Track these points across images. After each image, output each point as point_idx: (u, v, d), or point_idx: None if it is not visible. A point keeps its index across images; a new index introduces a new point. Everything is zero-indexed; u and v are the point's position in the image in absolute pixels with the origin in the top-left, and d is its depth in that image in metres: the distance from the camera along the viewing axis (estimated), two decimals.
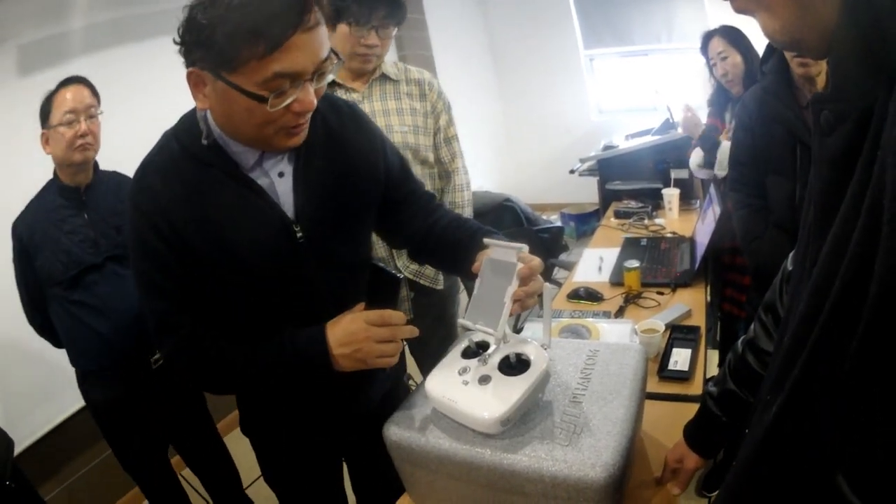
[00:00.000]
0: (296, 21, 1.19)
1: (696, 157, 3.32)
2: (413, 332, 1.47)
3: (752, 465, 0.88)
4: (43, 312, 2.58)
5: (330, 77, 1.37)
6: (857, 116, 0.69)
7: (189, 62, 1.28)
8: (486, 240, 1.48)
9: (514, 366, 1.37)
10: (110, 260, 2.50)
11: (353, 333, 1.43)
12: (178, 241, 1.39)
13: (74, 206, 2.49)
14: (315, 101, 1.34)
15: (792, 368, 0.78)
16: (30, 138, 2.47)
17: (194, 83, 1.31)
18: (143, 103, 3.14)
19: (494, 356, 1.40)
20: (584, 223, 6.88)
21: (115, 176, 2.64)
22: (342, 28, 2.37)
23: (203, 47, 1.22)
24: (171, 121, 1.51)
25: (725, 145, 3.23)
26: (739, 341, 1.46)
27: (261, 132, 1.34)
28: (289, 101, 1.27)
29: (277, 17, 1.17)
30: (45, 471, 3.21)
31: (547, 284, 1.41)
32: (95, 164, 2.56)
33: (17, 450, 2.87)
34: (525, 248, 1.38)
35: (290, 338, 1.49)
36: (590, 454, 1.23)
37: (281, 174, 1.50)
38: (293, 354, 1.47)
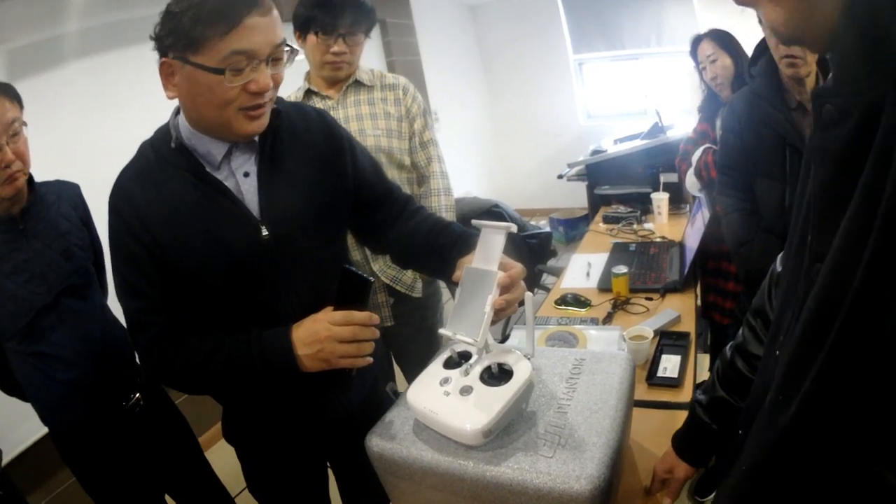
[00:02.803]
0: (252, 3, 1.33)
1: (690, 178, 3.28)
2: (374, 333, 1.47)
3: (764, 467, 0.88)
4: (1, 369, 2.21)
5: (287, 65, 1.48)
6: (864, 110, 0.70)
7: (162, 53, 1.39)
8: (474, 221, 1.48)
9: (497, 376, 1.35)
10: (63, 295, 2.12)
11: (315, 333, 1.45)
12: (152, 240, 1.47)
13: (13, 239, 2.05)
14: (270, 84, 1.42)
15: (807, 367, 0.77)
16: None
17: (165, 74, 1.42)
18: (139, 108, 3.11)
19: (476, 366, 1.38)
20: (574, 228, 6.89)
21: (56, 186, 2.27)
22: (311, 38, 2.46)
23: (174, 34, 1.34)
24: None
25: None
26: (727, 347, 1.46)
27: (222, 114, 1.41)
28: (245, 80, 1.37)
29: (237, 1, 1.32)
30: (33, 480, 3.17)
31: (528, 294, 1.38)
32: (31, 180, 2.12)
33: (6, 459, 2.85)
34: (513, 227, 1.37)
35: (257, 337, 1.51)
36: (574, 466, 1.20)
37: (246, 174, 1.57)
38: (259, 354, 1.48)
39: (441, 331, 1.39)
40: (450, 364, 1.44)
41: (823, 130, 0.78)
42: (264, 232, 1.54)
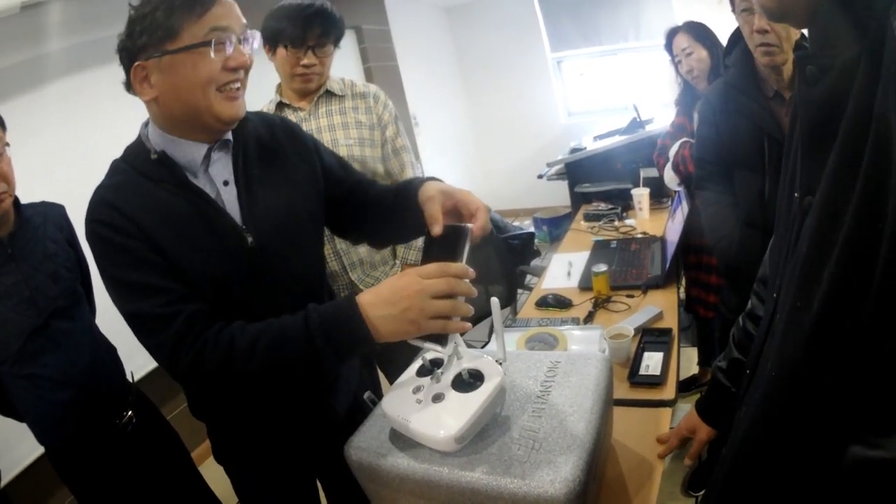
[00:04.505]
0: None
1: (668, 173, 3.27)
2: (472, 290, 1.31)
3: (797, 365, 0.97)
4: None
5: (255, 45, 1.49)
6: (840, 67, 0.85)
7: (132, 59, 1.38)
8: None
9: (468, 382, 1.34)
10: (52, 317, 2.14)
11: (402, 288, 1.29)
12: (147, 238, 1.40)
13: (2, 264, 2.08)
14: (248, 61, 1.45)
15: (821, 272, 0.88)
16: None
17: (140, 79, 1.40)
18: (121, 126, 3.10)
19: (447, 373, 1.37)
20: (557, 227, 6.88)
21: (41, 208, 2.30)
22: (280, 51, 2.47)
23: (147, 31, 1.34)
24: None
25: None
26: (740, 316, 1.58)
27: (204, 96, 1.40)
28: (226, 55, 1.39)
29: None
30: (33, 499, 3.17)
31: (495, 299, 1.37)
32: (16, 202, 2.18)
33: (6, 478, 2.90)
34: (469, 226, 1.40)
35: (314, 309, 1.37)
36: (549, 470, 1.20)
37: (226, 182, 1.55)
38: (319, 326, 1.33)
39: (410, 340, 1.35)
40: (422, 372, 1.43)
41: (808, 86, 0.92)
42: (250, 240, 1.51)
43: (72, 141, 3.43)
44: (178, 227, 1.44)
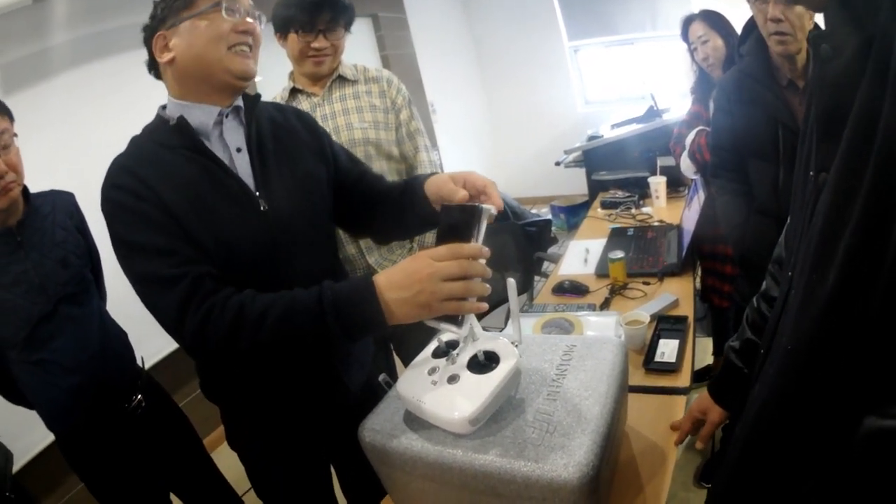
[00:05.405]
0: None
1: (685, 162, 3.26)
2: (486, 270, 1.29)
3: (814, 339, 0.97)
4: (2, 377, 2.24)
5: (262, 25, 1.60)
6: (855, 46, 0.86)
7: (154, 32, 1.51)
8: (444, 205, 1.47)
9: (483, 364, 1.33)
10: (61, 303, 2.15)
11: (414, 272, 1.27)
12: (163, 203, 1.42)
13: (11, 252, 2.09)
14: (256, 28, 1.56)
15: (836, 244, 0.89)
16: None
17: (160, 47, 1.52)
18: (129, 115, 3.11)
19: (463, 355, 1.36)
20: (575, 215, 6.85)
21: (51, 196, 2.30)
22: (291, 36, 2.49)
23: (168, 6, 1.49)
24: None
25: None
26: (755, 297, 1.57)
27: (216, 50, 1.50)
28: (235, 20, 1.51)
29: None
30: (45, 484, 3.20)
31: (511, 280, 1.36)
32: (26, 191, 2.19)
33: (18, 465, 2.89)
34: (488, 207, 1.36)
35: (329, 285, 1.35)
36: (562, 453, 1.19)
37: (238, 149, 1.60)
38: (333, 303, 1.32)
39: (425, 321, 1.34)
40: (438, 353, 1.43)
41: (822, 65, 0.94)
42: (262, 206, 1.54)
43: (77, 135, 3.44)
44: (192, 192, 1.47)
